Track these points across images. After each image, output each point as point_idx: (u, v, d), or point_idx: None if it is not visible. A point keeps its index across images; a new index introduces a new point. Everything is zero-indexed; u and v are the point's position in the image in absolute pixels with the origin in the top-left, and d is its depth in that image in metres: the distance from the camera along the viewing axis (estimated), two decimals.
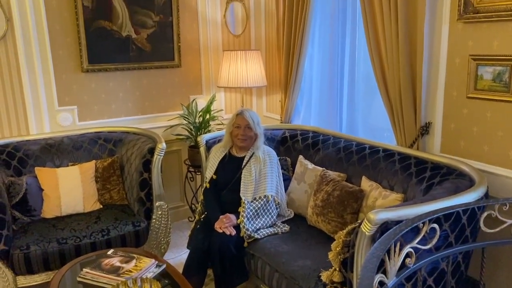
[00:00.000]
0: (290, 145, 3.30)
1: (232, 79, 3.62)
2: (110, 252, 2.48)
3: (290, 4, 3.45)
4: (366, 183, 2.58)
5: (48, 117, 3.39)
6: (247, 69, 3.60)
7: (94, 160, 3.22)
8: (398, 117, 2.66)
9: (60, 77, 3.40)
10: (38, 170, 3.04)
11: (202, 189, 2.96)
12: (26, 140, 3.19)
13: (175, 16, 3.74)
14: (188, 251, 2.78)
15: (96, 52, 3.47)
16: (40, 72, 3.30)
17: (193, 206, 3.97)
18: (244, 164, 2.81)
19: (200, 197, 3.01)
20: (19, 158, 3.07)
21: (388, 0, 2.57)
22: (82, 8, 3.34)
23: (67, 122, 3.47)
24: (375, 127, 3.23)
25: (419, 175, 2.36)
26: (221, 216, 2.70)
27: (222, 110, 4.14)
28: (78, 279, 2.25)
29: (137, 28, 3.60)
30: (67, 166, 3.19)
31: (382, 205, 2.35)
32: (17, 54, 3.20)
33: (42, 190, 2.98)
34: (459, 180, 2.17)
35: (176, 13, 3.74)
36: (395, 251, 1.45)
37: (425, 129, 2.57)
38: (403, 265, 1.48)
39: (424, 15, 2.42)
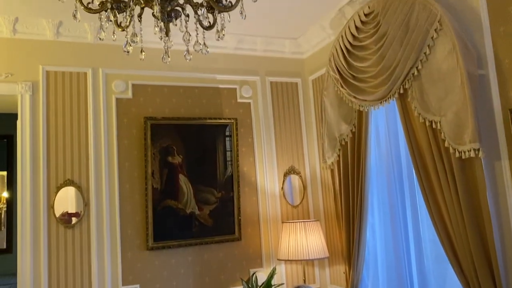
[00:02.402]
0: None
1: (292, 251, 3.57)
2: None
3: (345, 174, 3.55)
4: None
5: None
6: (307, 240, 3.56)
7: None
8: None
9: (126, 255, 3.53)
10: None
11: None
12: None
13: (236, 191, 3.94)
14: None
15: (161, 230, 3.62)
16: (108, 251, 3.47)
17: None
18: None
19: None
20: None
21: (444, 170, 2.58)
22: (152, 190, 3.64)
23: None
24: None
25: None
26: None
27: (283, 284, 3.96)
28: None
29: (201, 205, 3.80)
30: None
31: None
32: (90, 235, 3.43)
33: None
34: None
35: (237, 188, 3.95)
36: None
37: None
38: None
39: (484, 183, 2.37)
